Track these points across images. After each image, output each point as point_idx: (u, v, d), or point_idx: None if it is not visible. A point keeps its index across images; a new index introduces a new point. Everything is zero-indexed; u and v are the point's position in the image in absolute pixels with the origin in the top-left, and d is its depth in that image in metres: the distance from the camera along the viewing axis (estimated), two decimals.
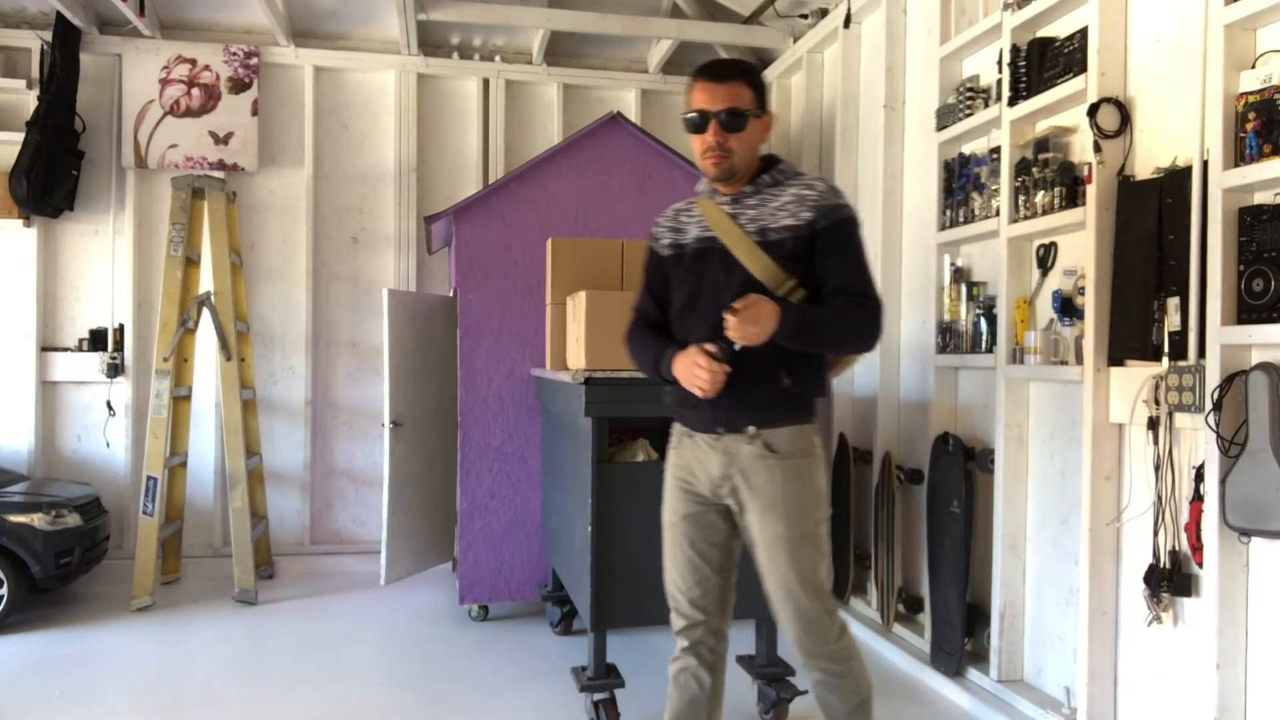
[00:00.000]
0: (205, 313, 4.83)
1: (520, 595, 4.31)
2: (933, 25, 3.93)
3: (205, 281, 4.90)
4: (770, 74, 5.64)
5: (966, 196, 3.64)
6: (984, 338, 3.55)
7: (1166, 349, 2.62)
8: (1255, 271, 2.35)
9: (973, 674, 3.48)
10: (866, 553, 4.37)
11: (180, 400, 4.89)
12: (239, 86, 5.28)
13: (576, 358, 3.36)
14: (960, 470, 3.53)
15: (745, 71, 2.21)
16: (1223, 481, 2.39)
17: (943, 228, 3.77)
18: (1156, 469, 2.67)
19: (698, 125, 2.17)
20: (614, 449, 3.27)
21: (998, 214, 3.37)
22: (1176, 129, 2.70)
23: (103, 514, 4.68)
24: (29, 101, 4.97)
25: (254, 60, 5.29)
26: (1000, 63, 3.39)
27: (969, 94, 3.62)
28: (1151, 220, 2.69)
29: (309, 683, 3.62)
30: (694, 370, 2.09)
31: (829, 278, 2.17)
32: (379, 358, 4.92)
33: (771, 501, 2.16)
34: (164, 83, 5.20)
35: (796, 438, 2.20)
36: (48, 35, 4.92)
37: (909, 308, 4.20)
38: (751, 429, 2.17)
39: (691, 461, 2.26)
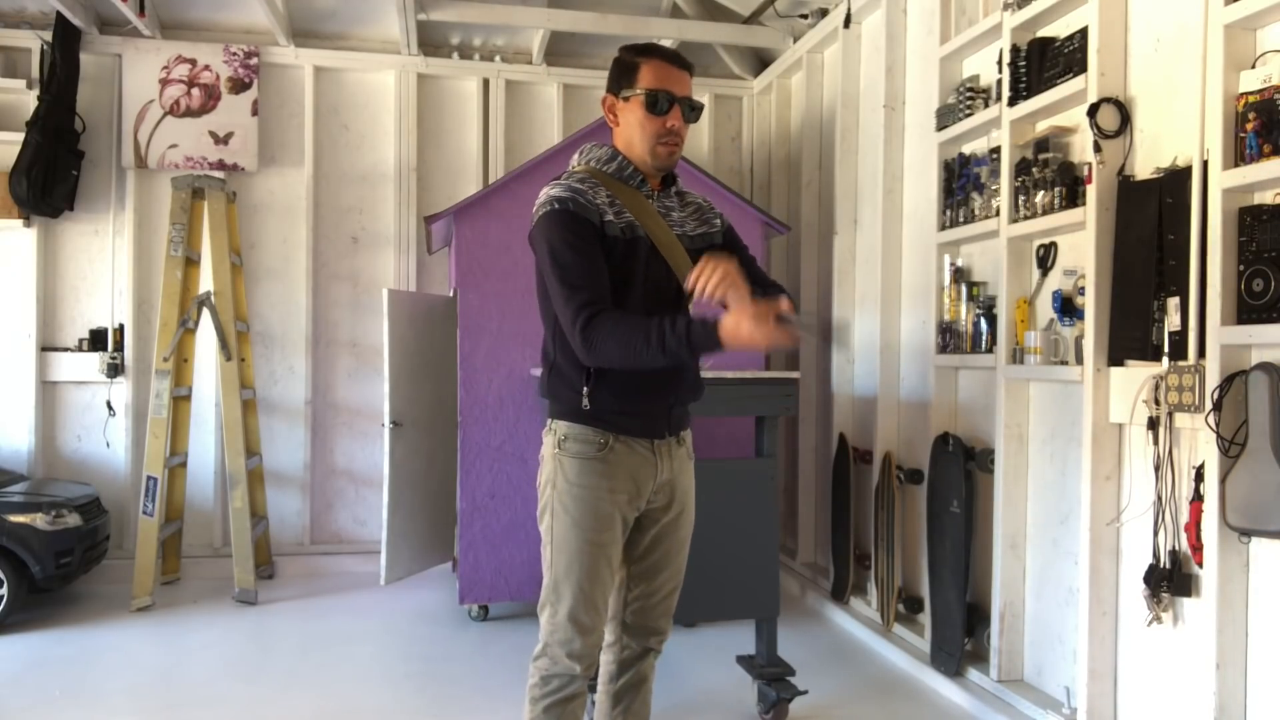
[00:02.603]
0: (205, 313, 4.83)
1: (520, 595, 4.31)
2: (933, 25, 3.93)
3: (205, 281, 4.90)
4: (770, 74, 5.65)
5: (966, 196, 3.64)
6: (984, 338, 3.55)
7: (1166, 349, 2.62)
8: (1255, 271, 2.35)
9: (973, 674, 3.48)
10: (866, 553, 4.37)
11: (180, 400, 4.89)
12: (239, 86, 5.28)
13: None
14: (960, 470, 3.53)
15: (692, 66, 2.12)
16: (1223, 481, 2.39)
17: (943, 228, 3.77)
18: (1156, 469, 2.67)
19: (663, 106, 2.03)
20: None
21: (998, 214, 3.37)
22: (1176, 129, 2.70)
23: (103, 514, 4.68)
24: (29, 101, 4.97)
25: (254, 60, 5.29)
26: (1000, 63, 3.39)
27: (969, 94, 3.62)
28: (1151, 220, 2.69)
29: (309, 682, 3.62)
30: (768, 321, 1.78)
31: (762, 281, 2.12)
32: (379, 358, 4.92)
33: (689, 502, 2.20)
34: (164, 83, 5.20)
35: (691, 436, 2.25)
36: (48, 35, 4.92)
37: (909, 308, 4.20)
38: (681, 433, 2.18)
39: (630, 470, 2.06)
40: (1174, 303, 2.60)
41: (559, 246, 1.96)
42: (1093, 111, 2.86)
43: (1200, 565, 2.51)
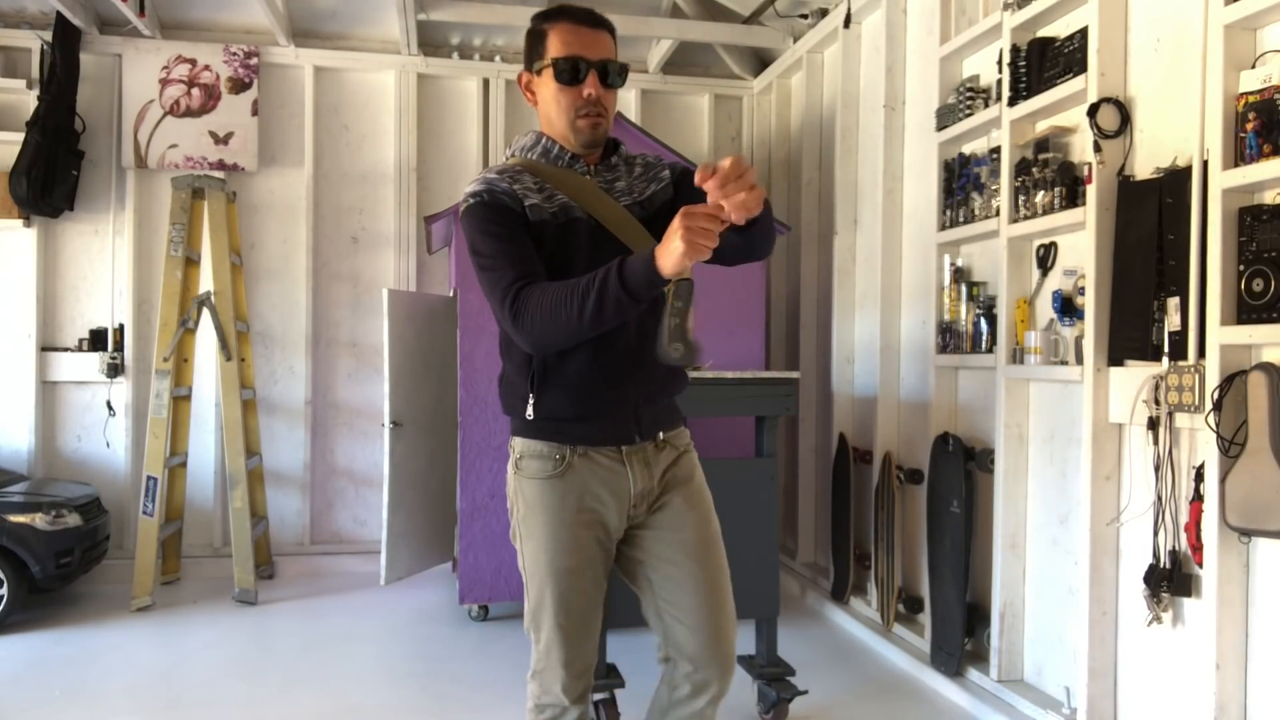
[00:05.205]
0: (205, 313, 4.83)
1: (520, 595, 4.27)
2: (933, 25, 3.93)
3: (205, 281, 4.90)
4: (770, 74, 5.65)
5: (966, 196, 3.64)
6: (984, 338, 3.55)
7: (1166, 349, 2.62)
8: (1255, 271, 2.35)
9: (973, 674, 3.48)
10: (866, 553, 4.37)
11: (180, 400, 4.89)
12: (239, 86, 5.28)
13: None
14: (960, 470, 3.53)
15: (610, 24, 1.90)
16: (1223, 481, 2.39)
17: (943, 228, 3.77)
18: (1156, 469, 2.67)
19: (571, 75, 1.81)
20: None
21: (998, 214, 3.37)
22: (1176, 129, 2.70)
23: (103, 514, 4.68)
24: (29, 101, 4.97)
25: (254, 60, 5.29)
26: (1000, 63, 3.39)
27: (969, 94, 3.62)
28: (1151, 220, 2.69)
29: (309, 682, 3.62)
30: (703, 226, 1.54)
31: None
32: (379, 358, 4.92)
33: (700, 497, 1.94)
34: (164, 83, 5.20)
35: (687, 436, 2.01)
36: (48, 35, 4.92)
37: (909, 308, 4.20)
38: (661, 434, 1.92)
39: (596, 487, 1.85)
40: (1174, 303, 2.60)
41: (477, 238, 1.80)
42: (1093, 111, 2.86)
43: (1200, 565, 2.51)
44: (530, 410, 1.82)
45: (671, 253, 1.55)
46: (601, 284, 1.62)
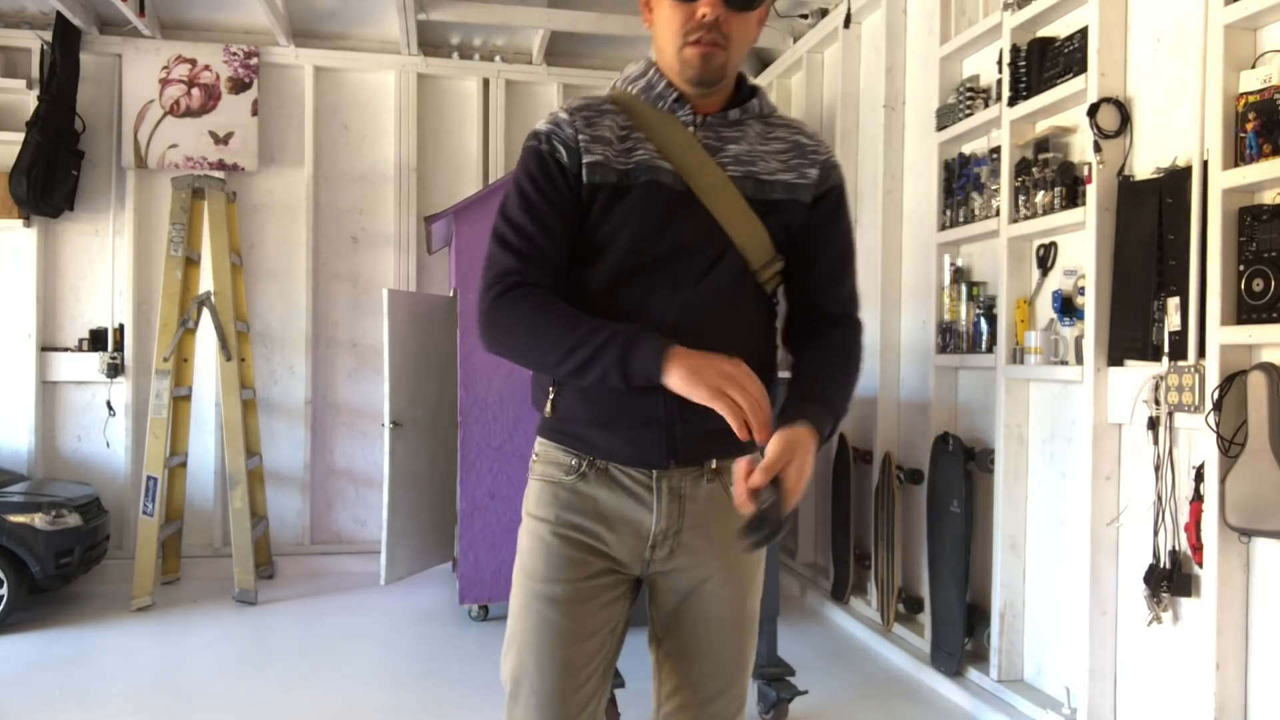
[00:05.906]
0: (205, 313, 4.83)
1: None
2: (933, 25, 3.93)
3: (205, 281, 4.90)
4: (770, 74, 5.64)
5: (966, 196, 3.64)
6: (984, 338, 3.55)
7: (1166, 349, 2.62)
8: (1255, 271, 2.35)
9: (973, 674, 3.48)
10: (866, 553, 4.37)
11: (180, 400, 4.89)
12: (239, 86, 5.28)
13: None
14: (960, 470, 3.53)
15: None
16: (1223, 481, 2.39)
17: (943, 228, 3.77)
18: (1156, 469, 2.67)
19: None
20: None
21: (998, 214, 3.38)
22: (1176, 129, 2.70)
23: (103, 514, 4.68)
24: (29, 101, 4.96)
25: (254, 60, 5.29)
26: (1000, 63, 3.39)
27: (969, 94, 3.62)
28: (1151, 220, 2.69)
29: (309, 682, 3.62)
30: (743, 383, 1.33)
31: (830, 283, 1.56)
32: (379, 358, 4.91)
33: (741, 568, 1.53)
34: (164, 83, 5.20)
35: None
36: (48, 35, 4.92)
37: (909, 308, 4.20)
38: (714, 462, 1.50)
39: (608, 511, 1.48)
40: (1174, 303, 2.60)
41: (512, 190, 1.50)
42: (1093, 111, 2.86)
43: (1200, 565, 2.51)
44: (549, 406, 1.50)
45: (691, 376, 1.31)
46: (602, 344, 1.35)
